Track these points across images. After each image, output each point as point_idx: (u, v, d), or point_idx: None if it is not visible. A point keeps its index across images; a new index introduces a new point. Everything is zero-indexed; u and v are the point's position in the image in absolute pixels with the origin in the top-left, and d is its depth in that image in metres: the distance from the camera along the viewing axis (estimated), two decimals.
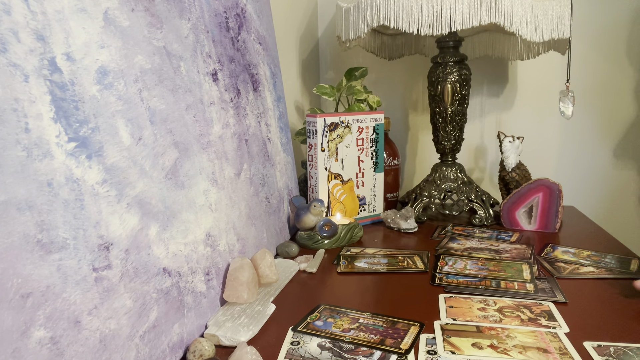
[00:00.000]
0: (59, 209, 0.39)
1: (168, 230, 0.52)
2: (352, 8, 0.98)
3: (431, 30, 0.89)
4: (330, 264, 0.79)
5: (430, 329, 0.55)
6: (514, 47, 1.16)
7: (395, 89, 1.37)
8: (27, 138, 0.37)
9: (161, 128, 0.54)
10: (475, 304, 0.62)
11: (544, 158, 1.27)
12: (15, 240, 0.35)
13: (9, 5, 0.37)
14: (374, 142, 1.02)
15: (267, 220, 0.81)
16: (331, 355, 0.50)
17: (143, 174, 0.50)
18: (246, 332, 0.54)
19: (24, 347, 0.34)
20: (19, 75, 0.37)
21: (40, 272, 0.36)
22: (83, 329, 0.39)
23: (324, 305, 0.62)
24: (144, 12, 0.54)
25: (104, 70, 0.46)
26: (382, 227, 1.01)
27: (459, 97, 1.05)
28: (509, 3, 0.87)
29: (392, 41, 1.25)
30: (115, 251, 0.44)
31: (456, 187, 1.07)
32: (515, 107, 1.29)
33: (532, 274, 0.72)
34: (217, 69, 0.70)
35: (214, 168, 0.64)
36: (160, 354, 0.48)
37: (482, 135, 1.32)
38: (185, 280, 0.54)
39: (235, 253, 0.67)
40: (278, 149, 0.89)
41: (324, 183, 0.96)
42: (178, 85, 0.59)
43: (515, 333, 0.54)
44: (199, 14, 0.67)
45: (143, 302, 0.46)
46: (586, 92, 1.21)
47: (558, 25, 0.93)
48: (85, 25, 0.45)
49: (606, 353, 0.50)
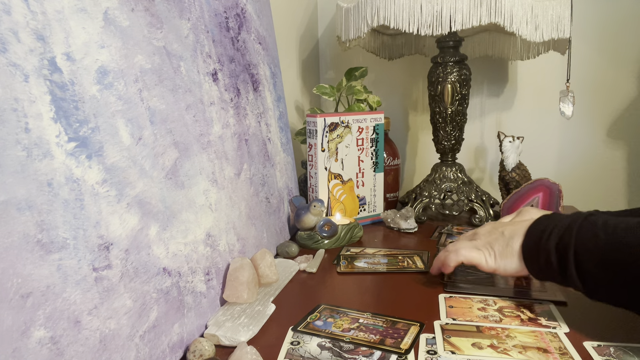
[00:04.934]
0: (59, 208, 0.39)
1: (168, 230, 0.52)
2: (352, 8, 0.98)
3: (431, 30, 0.89)
4: (330, 264, 0.79)
5: (430, 329, 0.55)
6: (514, 47, 1.16)
7: (395, 89, 1.37)
8: (27, 138, 0.37)
9: (161, 128, 0.54)
10: (475, 304, 0.62)
11: (544, 158, 1.27)
12: (15, 240, 0.35)
13: (9, 5, 0.37)
14: (374, 142, 1.02)
15: (267, 220, 0.81)
16: (331, 355, 0.50)
17: (143, 173, 0.50)
18: (246, 332, 0.54)
19: (24, 347, 0.34)
20: (19, 75, 0.37)
21: (40, 272, 0.36)
22: (83, 328, 0.39)
23: (324, 305, 0.62)
24: (144, 12, 0.54)
25: (104, 70, 0.46)
26: (382, 227, 1.01)
27: (459, 97, 1.05)
28: (509, 3, 0.87)
29: (392, 41, 1.25)
30: (115, 251, 0.44)
31: (456, 187, 1.07)
32: (515, 107, 1.29)
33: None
34: (217, 69, 0.70)
35: (214, 168, 0.64)
36: (160, 354, 0.48)
37: (482, 135, 1.32)
38: (185, 280, 0.54)
39: (235, 253, 0.67)
40: (278, 149, 0.89)
41: (324, 183, 0.96)
42: (178, 85, 0.59)
43: (515, 333, 0.54)
44: (199, 14, 0.67)
45: (143, 302, 0.46)
46: (586, 92, 1.21)
47: (558, 25, 0.93)
48: (85, 25, 0.45)
49: (606, 353, 0.50)
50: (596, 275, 0.51)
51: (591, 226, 0.53)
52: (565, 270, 0.53)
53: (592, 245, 0.51)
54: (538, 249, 0.56)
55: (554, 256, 0.54)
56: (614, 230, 0.50)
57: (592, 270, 0.51)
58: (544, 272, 0.56)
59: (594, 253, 0.51)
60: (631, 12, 1.16)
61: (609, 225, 0.51)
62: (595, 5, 1.18)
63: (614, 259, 0.49)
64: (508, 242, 0.60)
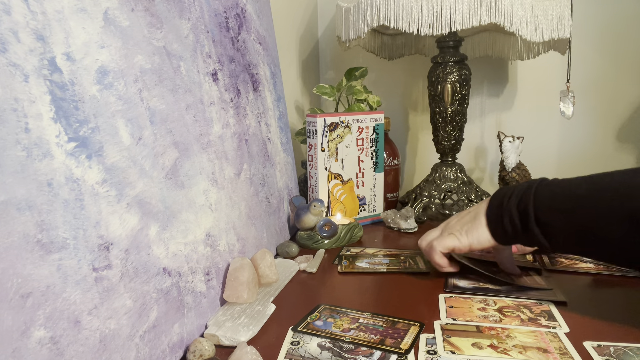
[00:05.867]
0: (59, 208, 0.39)
1: (168, 230, 0.52)
2: (352, 8, 0.98)
3: (431, 30, 0.89)
4: (330, 264, 0.79)
5: (430, 329, 0.55)
6: (514, 47, 1.16)
7: (395, 89, 1.37)
8: (27, 138, 0.37)
9: (161, 128, 0.54)
10: (475, 304, 0.62)
11: (544, 158, 1.27)
12: (15, 240, 0.35)
13: (9, 5, 0.37)
14: (374, 142, 1.02)
15: (267, 220, 0.81)
16: (331, 355, 0.50)
17: (143, 173, 0.50)
18: (246, 332, 0.54)
19: (24, 347, 0.34)
20: (19, 75, 0.37)
21: (40, 272, 0.36)
22: (83, 328, 0.39)
23: (324, 305, 0.62)
24: (144, 12, 0.54)
25: (104, 70, 0.46)
26: (382, 227, 1.01)
27: (459, 97, 1.05)
28: (509, 3, 0.87)
29: (392, 41, 1.25)
30: (115, 251, 0.44)
31: (456, 187, 1.07)
32: (515, 107, 1.29)
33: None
34: (217, 69, 0.70)
35: (214, 168, 0.64)
36: (160, 354, 0.48)
37: (482, 135, 1.32)
38: (185, 280, 0.54)
39: (235, 253, 0.67)
40: (278, 149, 0.89)
41: (324, 183, 0.96)
42: (178, 85, 0.59)
43: (515, 333, 0.54)
44: (198, 14, 0.67)
45: (143, 302, 0.46)
46: (586, 92, 1.21)
47: (558, 25, 0.93)
48: (85, 25, 0.45)
49: (606, 353, 0.50)
50: (554, 226, 0.57)
51: (547, 185, 0.60)
52: (527, 227, 0.59)
53: (548, 200, 0.58)
54: (501, 212, 0.62)
55: (516, 216, 0.60)
56: (567, 185, 0.58)
57: (550, 223, 0.57)
58: (508, 234, 0.61)
59: (551, 207, 0.57)
60: (631, 12, 1.16)
61: (563, 182, 0.59)
62: (595, 5, 1.18)
63: (567, 208, 0.56)
64: (475, 216, 0.65)
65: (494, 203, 0.64)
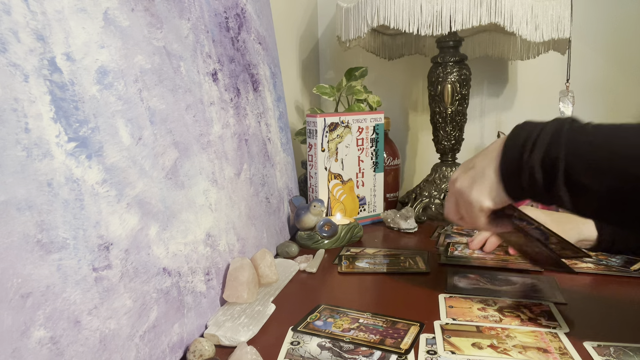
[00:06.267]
0: (59, 209, 0.39)
1: (168, 230, 0.52)
2: (352, 8, 0.98)
3: (431, 30, 0.89)
4: (330, 264, 0.79)
5: (430, 329, 0.55)
6: (514, 47, 1.16)
7: (395, 89, 1.37)
8: (27, 138, 0.37)
9: (161, 128, 0.54)
10: (475, 304, 0.62)
11: None
12: (15, 240, 0.35)
13: (9, 5, 0.37)
14: (374, 142, 1.02)
15: (267, 220, 0.81)
16: (331, 355, 0.50)
17: (143, 174, 0.50)
18: (246, 332, 0.54)
19: (24, 347, 0.34)
20: (19, 75, 0.37)
21: (40, 272, 0.36)
22: (83, 328, 0.39)
23: (324, 305, 0.62)
24: (143, 12, 0.54)
25: (104, 70, 0.46)
26: (382, 227, 1.01)
27: (459, 97, 1.05)
28: (509, 3, 0.87)
29: (392, 41, 1.25)
30: (115, 251, 0.44)
31: None
32: (515, 107, 1.28)
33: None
34: (217, 69, 0.70)
35: (214, 168, 0.64)
36: (160, 354, 0.48)
37: (482, 135, 1.31)
38: (185, 280, 0.54)
39: (235, 253, 0.67)
40: (278, 149, 0.89)
41: (324, 183, 0.96)
42: (178, 85, 0.59)
43: (515, 333, 0.54)
44: (198, 14, 0.67)
45: (143, 302, 0.46)
46: (586, 92, 1.21)
47: (558, 25, 0.93)
48: (85, 25, 0.45)
49: (606, 353, 0.50)
50: (588, 187, 0.45)
51: (581, 130, 0.46)
52: (551, 186, 0.47)
53: (586, 154, 0.45)
54: (520, 167, 0.49)
55: (539, 173, 0.47)
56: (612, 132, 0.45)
57: (583, 182, 0.45)
58: (526, 191, 0.49)
59: (590, 165, 0.44)
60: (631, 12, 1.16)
61: (602, 129, 0.45)
62: (595, 5, 1.18)
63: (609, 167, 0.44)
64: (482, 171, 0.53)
65: (508, 155, 0.50)
